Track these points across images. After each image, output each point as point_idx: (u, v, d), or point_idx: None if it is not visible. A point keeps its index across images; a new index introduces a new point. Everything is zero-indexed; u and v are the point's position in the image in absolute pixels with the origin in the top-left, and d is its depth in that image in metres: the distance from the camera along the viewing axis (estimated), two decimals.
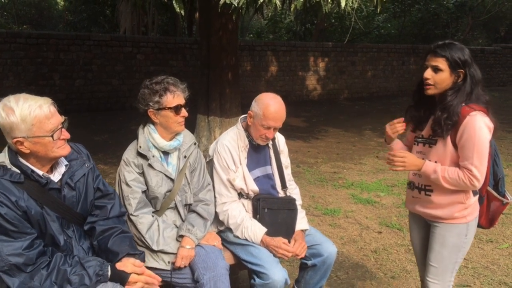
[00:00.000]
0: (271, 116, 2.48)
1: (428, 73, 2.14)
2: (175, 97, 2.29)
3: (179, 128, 2.36)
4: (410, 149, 2.40)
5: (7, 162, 1.79)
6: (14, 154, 1.81)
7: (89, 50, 9.61)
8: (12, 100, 1.75)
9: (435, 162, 2.18)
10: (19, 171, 1.79)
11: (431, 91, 2.16)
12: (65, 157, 1.95)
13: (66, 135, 1.86)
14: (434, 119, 2.15)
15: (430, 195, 2.25)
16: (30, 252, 1.75)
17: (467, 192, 2.18)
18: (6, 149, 1.84)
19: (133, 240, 2.15)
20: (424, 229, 2.42)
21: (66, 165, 1.96)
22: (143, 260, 2.09)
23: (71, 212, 1.95)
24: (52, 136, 1.78)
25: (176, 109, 2.29)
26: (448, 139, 2.12)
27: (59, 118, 1.83)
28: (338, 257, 3.58)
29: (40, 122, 1.75)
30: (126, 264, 1.95)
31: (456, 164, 2.14)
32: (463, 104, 2.09)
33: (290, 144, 2.89)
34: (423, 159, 2.22)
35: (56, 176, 1.92)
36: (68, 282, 1.78)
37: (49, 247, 1.87)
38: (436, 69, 2.12)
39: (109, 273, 1.88)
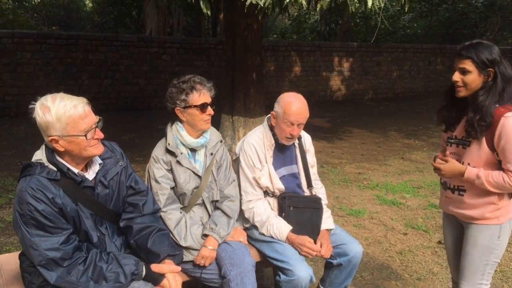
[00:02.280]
0: (292, 112, 2.50)
1: (456, 76, 2.10)
2: (201, 95, 2.33)
3: (205, 126, 2.40)
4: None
5: (44, 160, 1.84)
6: (51, 152, 1.86)
7: (116, 51, 9.81)
8: (49, 99, 1.79)
9: (469, 164, 2.13)
10: (55, 169, 1.84)
11: (462, 93, 2.12)
12: (99, 156, 1.98)
13: (99, 135, 1.89)
14: (467, 121, 2.10)
15: (463, 195, 2.21)
16: (66, 247, 1.80)
17: (502, 193, 2.13)
18: (43, 146, 1.89)
19: (171, 238, 2.19)
20: (457, 230, 2.38)
21: (100, 164, 2.00)
22: (182, 258, 2.12)
23: (104, 209, 1.99)
24: (85, 135, 1.82)
25: (202, 107, 2.33)
26: (483, 141, 2.07)
27: (93, 118, 1.86)
28: (363, 257, 3.55)
29: (74, 121, 1.79)
30: (163, 268, 1.99)
31: (492, 165, 2.09)
32: (497, 105, 2.03)
33: (314, 145, 2.88)
34: (457, 160, 2.17)
35: (90, 174, 1.96)
36: (104, 278, 1.82)
37: (84, 242, 1.92)
38: (464, 71, 2.07)
39: (144, 272, 1.92)
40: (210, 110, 2.37)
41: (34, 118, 1.79)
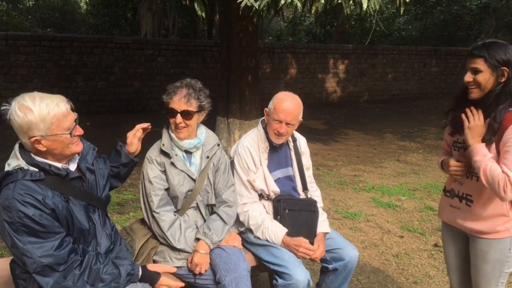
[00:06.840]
0: (281, 109, 2.49)
1: (468, 76, 2.00)
2: (175, 100, 2.26)
3: (175, 134, 2.32)
4: (450, 152, 2.26)
5: (23, 164, 1.78)
6: (28, 154, 1.80)
7: (111, 53, 9.77)
8: (27, 99, 1.75)
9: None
10: (37, 170, 1.78)
11: (474, 94, 2.01)
12: None
13: (79, 131, 1.88)
14: None
15: (470, 206, 2.10)
16: (61, 252, 1.76)
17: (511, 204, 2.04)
18: (15, 152, 1.82)
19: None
20: (460, 243, 2.26)
21: (77, 154, 1.98)
22: None
23: (95, 197, 1.98)
24: (70, 133, 1.80)
25: (167, 112, 2.29)
26: (493, 146, 1.96)
27: (73, 115, 1.84)
28: (359, 261, 3.54)
29: (59, 120, 1.76)
30: (158, 267, 1.99)
31: None
32: (510, 109, 1.92)
33: (309, 147, 2.87)
34: (464, 165, 2.09)
35: (72, 166, 1.93)
36: (100, 280, 1.80)
37: (79, 244, 1.88)
38: (475, 71, 1.98)
39: (140, 273, 1.91)
40: (178, 118, 2.26)
41: (9, 119, 1.75)
